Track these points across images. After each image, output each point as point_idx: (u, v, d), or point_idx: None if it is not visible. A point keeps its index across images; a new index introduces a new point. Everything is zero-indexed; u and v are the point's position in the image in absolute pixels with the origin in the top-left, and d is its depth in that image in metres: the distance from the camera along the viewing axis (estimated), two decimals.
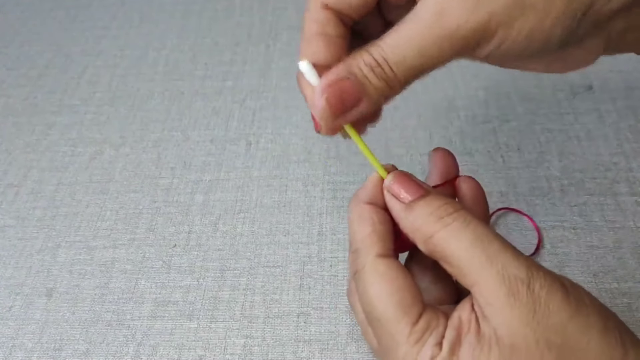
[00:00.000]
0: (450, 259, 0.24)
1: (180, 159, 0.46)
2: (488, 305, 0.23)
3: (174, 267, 0.39)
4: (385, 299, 0.25)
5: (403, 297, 0.25)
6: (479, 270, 0.23)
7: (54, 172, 0.46)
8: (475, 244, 0.24)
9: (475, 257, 0.23)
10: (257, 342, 0.35)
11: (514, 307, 0.22)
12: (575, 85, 0.48)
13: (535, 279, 0.23)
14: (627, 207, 0.39)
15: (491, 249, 0.23)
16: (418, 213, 0.25)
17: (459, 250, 0.24)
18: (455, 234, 0.24)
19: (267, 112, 0.49)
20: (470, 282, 0.23)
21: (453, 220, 0.24)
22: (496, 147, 0.44)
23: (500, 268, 0.23)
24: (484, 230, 0.24)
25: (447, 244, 0.24)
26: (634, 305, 0.34)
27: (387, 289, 0.25)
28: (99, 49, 0.58)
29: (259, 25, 0.59)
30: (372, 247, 0.26)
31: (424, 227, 0.25)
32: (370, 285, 0.26)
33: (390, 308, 0.25)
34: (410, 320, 0.24)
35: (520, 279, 0.23)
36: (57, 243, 0.41)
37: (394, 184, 0.27)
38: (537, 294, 0.22)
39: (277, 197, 0.43)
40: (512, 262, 0.23)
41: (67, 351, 0.35)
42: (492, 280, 0.23)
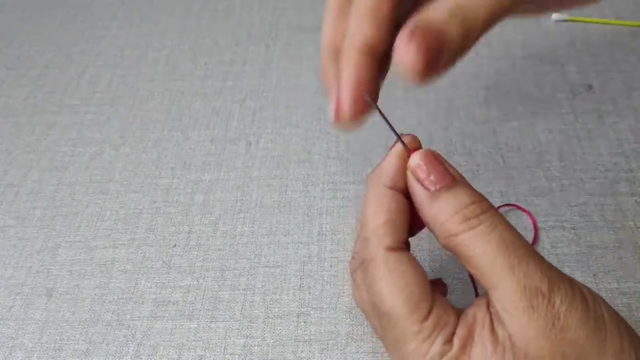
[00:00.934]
0: (471, 261, 0.23)
1: (180, 159, 0.46)
2: (505, 311, 0.23)
3: (174, 267, 0.39)
4: (394, 295, 0.24)
5: (412, 293, 0.24)
6: (500, 276, 0.23)
7: (54, 172, 0.46)
8: (499, 250, 0.23)
9: (498, 263, 0.23)
10: (257, 342, 0.35)
11: (531, 318, 0.22)
12: (575, 85, 0.48)
13: (557, 293, 0.22)
14: (627, 207, 0.39)
15: (515, 256, 0.23)
16: (443, 207, 0.24)
17: (481, 254, 0.23)
18: (479, 237, 0.23)
19: (267, 112, 0.49)
20: (490, 285, 0.23)
21: (480, 223, 0.24)
22: (496, 147, 0.44)
23: (522, 277, 0.22)
24: (509, 236, 0.23)
25: (471, 247, 0.23)
26: (634, 305, 0.34)
27: (396, 284, 0.24)
28: (99, 49, 0.58)
29: (259, 25, 0.59)
30: (384, 239, 0.25)
31: (447, 224, 0.24)
32: (379, 279, 0.25)
33: (399, 304, 0.24)
34: (419, 317, 0.24)
35: (541, 292, 0.22)
36: (57, 243, 0.41)
37: (420, 166, 0.25)
38: (556, 309, 0.22)
39: (277, 197, 0.43)
40: (535, 273, 0.23)
41: (67, 351, 0.35)
42: (513, 288, 0.22)
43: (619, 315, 0.24)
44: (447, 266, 0.37)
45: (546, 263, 0.23)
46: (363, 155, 0.45)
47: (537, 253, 0.24)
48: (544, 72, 0.49)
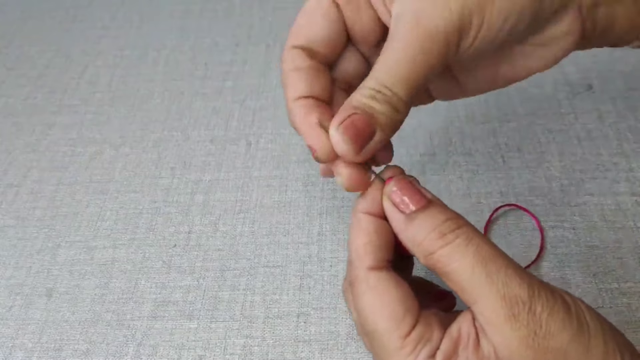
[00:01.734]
0: (451, 276, 0.24)
1: (180, 159, 0.46)
2: (488, 324, 0.23)
3: (174, 267, 0.39)
4: (376, 312, 0.25)
5: (394, 310, 0.25)
6: (480, 288, 0.23)
7: (54, 172, 0.46)
8: (476, 262, 0.23)
9: (476, 275, 0.23)
10: (257, 342, 0.35)
11: (514, 328, 0.22)
12: (575, 85, 0.48)
13: (537, 300, 0.22)
14: (627, 207, 0.39)
15: (493, 267, 0.23)
16: (419, 227, 0.25)
17: (460, 268, 0.23)
18: (456, 251, 0.24)
19: (267, 112, 0.49)
20: (471, 299, 0.23)
21: (455, 237, 0.24)
22: (496, 147, 0.44)
23: (500, 287, 0.23)
24: (486, 248, 0.24)
25: (449, 262, 0.24)
26: (634, 305, 0.34)
27: (378, 302, 0.25)
28: (99, 49, 0.58)
29: (259, 25, 0.59)
30: (364, 259, 0.26)
31: (425, 242, 0.24)
32: (361, 298, 0.26)
33: (381, 321, 0.25)
34: (401, 333, 0.24)
35: (521, 300, 0.22)
36: (57, 243, 0.41)
37: (395, 191, 0.26)
38: (538, 316, 0.22)
39: (277, 197, 0.43)
40: (514, 282, 0.23)
41: (67, 351, 0.35)
42: (493, 299, 0.23)
43: (602, 318, 0.24)
44: None
45: (525, 272, 0.24)
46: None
47: (515, 263, 0.24)
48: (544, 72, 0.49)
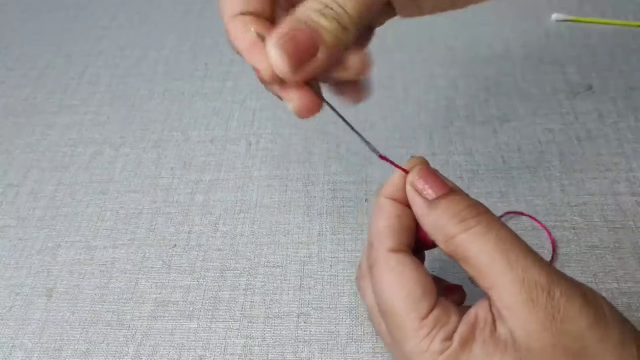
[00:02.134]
0: (470, 261, 0.24)
1: (180, 159, 0.46)
2: (506, 308, 0.23)
3: (174, 267, 0.39)
4: (394, 293, 0.25)
5: (412, 291, 0.25)
6: (499, 273, 0.23)
7: (54, 172, 0.46)
8: (496, 248, 0.23)
9: (496, 261, 0.23)
10: (257, 342, 0.35)
11: (532, 311, 0.22)
12: (575, 85, 0.48)
13: (556, 286, 0.23)
14: (627, 207, 0.39)
15: (512, 253, 0.23)
16: (441, 212, 0.25)
17: (480, 253, 0.24)
18: (477, 237, 0.24)
19: (267, 112, 0.49)
20: (489, 284, 0.23)
21: (476, 224, 0.24)
22: (496, 147, 0.44)
23: (520, 272, 0.23)
24: (506, 234, 0.24)
25: (469, 247, 0.24)
26: (634, 305, 0.34)
27: (397, 283, 0.25)
28: (99, 49, 0.58)
29: None
30: (385, 241, 0.26)
31: (446, 227, 0.25)
32: (380, 279, 0.26)
33: (399, 302, 0.25)
34: (418, 315, 0.24)
35: (540, 285, 0.22)
36: (57, 243, 0.41)
37: (418, 179, 0.26)
38: (556, 301, 0.22)
39: (277, 197, 0.43)
40: (533, 267, 0.23)
41: (67, 351, 0.35)
42: (512, 284, 0.23)
43: (618, 311, 0.24)
44: (446, 267, 0.37)
45: (544, 260, 0.24)
46: (363, 155, 0.44)
47: (534, 251, 0.24)
48: (544, 72, 0.49)
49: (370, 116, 0.47)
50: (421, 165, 0.27)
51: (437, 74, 0.51)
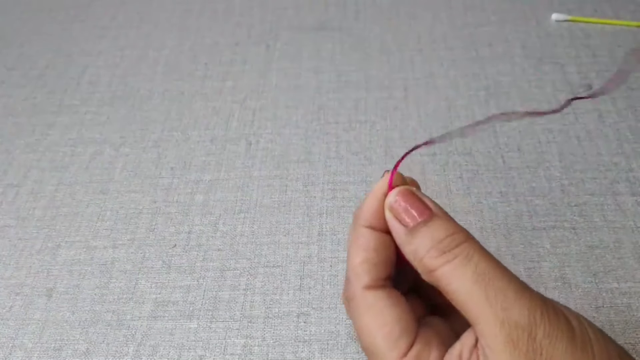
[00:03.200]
0: (452, 295, 0.23)
1: (180, 159, 0.46)
2: (488, 347, 0.22)
3: (174, 267, 0.39)
4: (372, 332, 0.25)
5: (391, 330, 0.24)
6: (479, 310, 0.22)
7: (54, 172, 0.46)
8: (474, 283, 0.22)
9: (475, 297, 0.22)
10: (257, 342, 0.35)
11: (512, 355, 0.21)
12: (575, 85, 0.48)
13: (539, 326, 0.21)
14: (627, 207, 0.39)
15: (492, 288, 0.22)
16: (420, 242, 0.24)
17: (461, 287, 0.23)
18: (456, 271, 0.23)
19: (267, 112, 0.49)
20: (473, 319, 0.23)
21: (455, 257, 0.23)
22: (496, 147, 0.44)
23: (499, 311, 0.22)
24: (486, 266, 0.23)
25: (449, 281, 0.23)
26: (634, 305, 0.34)
27: (374, 321, 0.25)
28: (99, 49, 0.58)
29: (259, 25, 0.59)
30: (362, 278, 0.25)
31: (425, 260, 0.24)
32: (358, 316, 0.25)
33: (378, 340, 0.24)
34: (398, 354, 0.24)
35: (520, 326, 0.21)
36: (57, 243, 0.41)
37: (396, 202, 0.25)
38: (538, 343, 0.21)
39: (277, 197, 0.43)
40: (514, 305, 0.22)
41: (67, 351, 0.35)
42: (492, 323, 0.22)
43: (606, 335, 0.23)
44: None
45: (527, 291, 0.23)
46: (363, 155, 0.45)
47: (518, 280, 0.23)
48: (544, 72, 0.49)
49: (370, 116, 0.47)
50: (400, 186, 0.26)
51: (437, 74, 0.51)
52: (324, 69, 0.53)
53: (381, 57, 0.53)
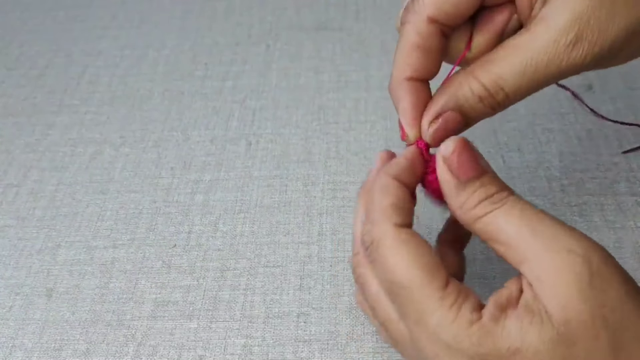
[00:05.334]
0: (499, 237, 0.23)
1: (180, 159, 0.46)
2: (538, 281, 0.22)
3: (174, 267, 0.39)
4: (411, 264, 0.24)
5: (429, 262, 0.24)
6: (529, 245, 0.22)
7: (54, 172, 0.46)
8: (522, 220, 0.23)
9: (524, 233, 0.23)
10: (257, 342, 0.35)
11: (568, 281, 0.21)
12: (575, 85, 0.48)
13: (593, 252, 0.22)
14: (627, 207, 0.39)
15: (542, 225, 0.23)
16: (470, 195, 0.24)
17: (507, 228, 0.23)
18: (504, 213, 0.23)
19: (267, 112, 0.49)
20: (520, 259, 0.23)
21: (504, 204, 0.24)
22: (496, 147, 0.44)
23: (551, 242, 0.22)
24: (534, 210, 0.24)
25: (496, 223, 0.23)
26: None
27: (412, 254, 0.24)
28: (99, 49, 0.58)
29: (259, 25, 0.59)
30: (392, 217, 0.25)
31: (475, 210, 0.24)
32: (392, 253, 0.24)
33: (417, 272, 0.24)
34: (439, 284, 0.23)
35: (574, 252, 0.22)
36: (57, 243, 0.41)
37: (452, 154, 0.25)
38: (595, 267, 0.21)
39: (277, 197, 0.43)
40: (565, 236, 0.22)
41: (67, 351, 0.35)
42: (542, 255, 0.22)
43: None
44: None
45: (576, 230, 0.23)
46: (363, 155, 0.45)
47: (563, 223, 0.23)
48: None
49: (370, 116, 0.47)
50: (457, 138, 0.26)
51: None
52: (324, 69, 0.53)
53: (381, 57, 0.53)
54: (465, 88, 0.26)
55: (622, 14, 0.24)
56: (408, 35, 0.27)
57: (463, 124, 0.27)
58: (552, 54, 0.25)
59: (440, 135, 0.27)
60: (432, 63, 0.27)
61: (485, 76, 0.26)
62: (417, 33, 0.26)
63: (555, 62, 0.25)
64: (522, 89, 0.26)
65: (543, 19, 0.25)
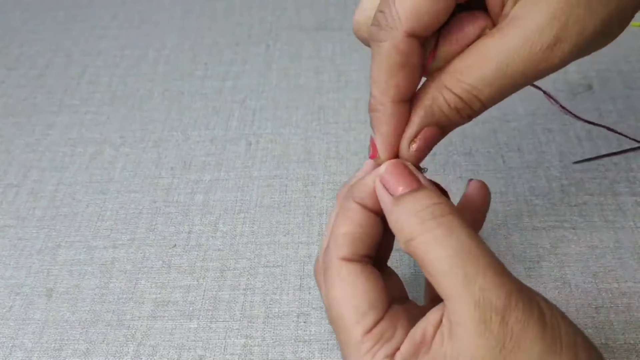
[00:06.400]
0: (428, 267, 0.23)
1: (180, 159, 0.46)
2: (457, 324, 0.22)
3: (174, 267, 0.39)
4: (342, 303, 0.24)
5: (359, 304, 0.24)
6: (455, 286, 0.22)
7: (54, 172, 0.46)
8: (455, 258, 0.22)
9: (454, 273, 0.22)
10: (257, 342, 0.35)
11: (482, 336, 0.21)
12: (575, 85, 0.48)
13: (512, 311, 0.21)
14: (627, 207, 0.39)
15: (472, 266, 0.22)
16: (403, 210, 0.24)
17: (438, 260, 0.22)
18: (437, 241, 0.22)
19: (267, 112, 0.49)
20: (446, 295, 0.22)
21: (437, 226, 0.23)
22: (496, 147, 0.44)
23: (477, 290, 0.21)
24: (469, 243, 0.22)
25: (427, 251, 0.22)
26: (633, 305, 0.34)
27: (345, 293, 0.25)
28: (99, 49, 0.58)
29: (259, 25, 0.59)
30: (341, 249, 0.25)
31: (406, 226, 0.23)
32: (330, 287, 0.25)
33: (345, 312, 0.24)
34: (363, 328, 0.24)
35: (495, 308, 0.21)
36: (57, 243, 0.41)
37: (387, 173, 0.25)
38: (510, 327, 0.21)
39: (277, 197, 0.43)
40: (492, 286, 0.21)
41: (67, 351, 0.35)
42: (466, 301, 0.21)
43: (577, 329, 0.23)
44: None
45: (506, 275, 0.22)
46: (363, 155, 0.45)
47: (498, 262, 0.23)
48: None
49: None
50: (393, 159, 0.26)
51: None
52: (324, 69, 0.53)
53: None
54: (440, 101, 0.25)
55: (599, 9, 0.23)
56: (388, 55, 0.24)
57: (443, 136, 0.26)
58: (528, 58, 0.23)
59: (422, 153, 0.26)
60: (416, 80, 0.25)
61: (459, 87, 0.24)
62: (398, 52, 0.24)
63: (532, 65, 0.23)
64: (498, 94, 0.24)
65: (516, 18, 0.23)
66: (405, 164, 0.26)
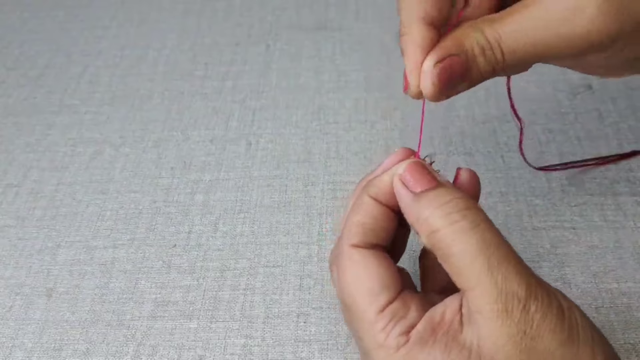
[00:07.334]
0: (451, 259, 0.23)
1: (180, 159, 0.46)
2: (478, 313, 0.22)
3: (174, 267, 0.39)
4: (354, 287, 0.25)
5: (372, 285, 0.25)
6: (478, 277, 0.22)
7: (54, 172, 0.46)
8: (479, 250, 0.23)
9: (477, 263, 0.22)
10: (257, 342, 0.35)
11: (504, 324, 0.22)
12: (575, 85, 0.48)
13: (533, 300, 0.22)
14: (627, 207, 0.39)
15: (495, 258, 0.23)
16: (425, 204, 0.24)
17: (462, 252, 0.23)
18: (460, 234, 0.23)
19: (267, 112, 0.49)
20: (466, 286, 0.23)
21: (461, 219, 0.23)
22: (496, 147, 0.44)
23: (500, 280, 0.22)
24: (492, 236, 0.23)
25: (451, 244, 0.23)
26: (633, 305, 0.34)
27: (357, 276, 0.25)
28: (99, 49, 0.58)
29: (259, 25, 0.59)
30: (353, 237, 0.26)
31: (430, 219, 0.24)
32: (343, 272, 0.26)
33: (358, 294, 0.25)
34: (376, 308, 0.24)
35: (517, 297, 0.22)
36: (57, 243, 0.41)
37: (406, 172, 0.26)
38: (531, 316, 0.22)
39: (277, 197, 0.43)
40: (514, 276, 0.22)
41: (67, 351, 0.35)
42: (489, 291, 0.22)
43: (593, 325, 0.23)
44: None
45: (526, 268, 0.23)
46: (363, 155, 0.45)
47: (519, 257, 0.23)
48: (544, 72, 0.49)
49: (370, 116, 0.47)
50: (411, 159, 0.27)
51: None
52: (324, 69, 0.53)
53: (381, 57, 0.53)
54: (471, 37, 0.25)
55: None
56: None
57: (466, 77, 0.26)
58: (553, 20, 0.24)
59: (444, 80, 0.25)
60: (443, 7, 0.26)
61: (489, 30, 0.25)
62: None
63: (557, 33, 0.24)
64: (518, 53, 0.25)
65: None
66: (422, 163, 0.26)
